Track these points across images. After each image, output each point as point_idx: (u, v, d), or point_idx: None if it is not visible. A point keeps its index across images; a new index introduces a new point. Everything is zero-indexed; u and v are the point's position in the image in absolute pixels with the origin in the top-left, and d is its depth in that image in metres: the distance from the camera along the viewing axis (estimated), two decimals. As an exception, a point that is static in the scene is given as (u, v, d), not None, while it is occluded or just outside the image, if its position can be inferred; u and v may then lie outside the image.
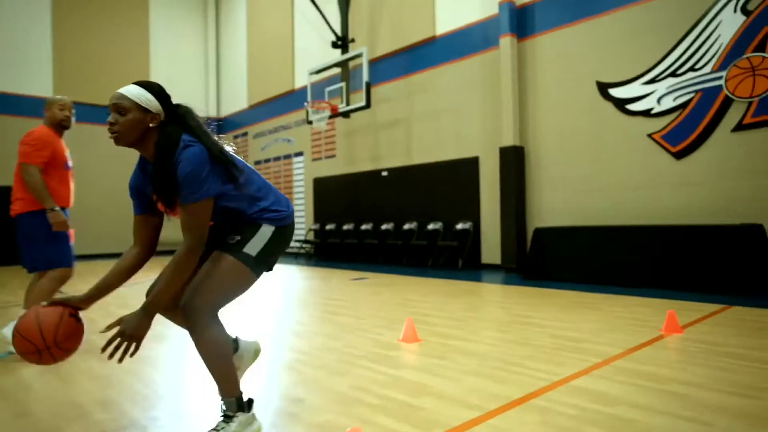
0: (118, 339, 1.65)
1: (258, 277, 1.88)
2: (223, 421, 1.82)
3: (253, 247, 1.84)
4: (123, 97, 1.72)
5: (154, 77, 14.52)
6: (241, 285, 1.84)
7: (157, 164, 1.74)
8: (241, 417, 1.83)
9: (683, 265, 5.39)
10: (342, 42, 9.52)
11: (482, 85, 8.22)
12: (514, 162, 7.55)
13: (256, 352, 2.23)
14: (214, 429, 1.80)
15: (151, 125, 1.76)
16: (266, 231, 1.87)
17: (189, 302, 1.73)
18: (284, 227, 1.93)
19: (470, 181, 8.39)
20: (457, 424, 1.99)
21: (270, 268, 1.95)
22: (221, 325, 1.80)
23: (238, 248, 1.82)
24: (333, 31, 9.54)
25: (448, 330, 3.73)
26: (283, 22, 12.74)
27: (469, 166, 8.40)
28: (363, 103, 8.70)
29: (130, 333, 1.65)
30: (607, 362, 2.80)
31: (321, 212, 11.47)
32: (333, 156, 11.20)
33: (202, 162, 1.71)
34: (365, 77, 8.59)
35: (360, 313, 4.49)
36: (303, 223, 12.14)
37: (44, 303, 1.75)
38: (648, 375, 2.55)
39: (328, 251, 10.82)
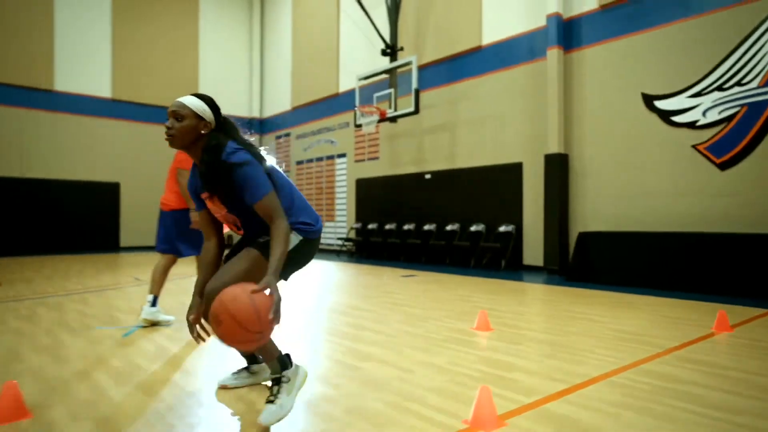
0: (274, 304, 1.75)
1: (279, 279, 1.97)
2: (274, 385, 2.03)
3: None
4: (182, 105, 1.95)
5: (203, 79, 15.24)
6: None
7: (202, 163, 1.96)
8: (287, 373, 2.04)
9: (725, 271, 5.68)
10: (391, 50, 9.97)
11: (527, 94, 8.57)
12: (558, 169, 7.89)
13: (305, 376, 2.31)
14: (270, 397, 1.99)
15: (202, 132, 1.98)
16: (293, 239, 2.05)
17: (214, 289, 1.88)
18: (310, 240, 2.11)
19: (513, 185, 8.75)
20: (552, 392, 2.41)
21: (286, 278, 2.09)
22: None
23: (266, 246, 2.01)
24: (383, 39, 10.01)
25: (514, 321, 4.13)
26: (328, 28, 13.26)
27: (513, 172, 8.76)
28: (411, 108, 9.14)
29: (262, 297, 1.74)
30: (668, 352, 3.17)
31: (363, 212, 11.94)
32: (376, 158, 11.66)
33: (254, 163, 1.94)
34: (414, 84, 9.03)
35: (424, 306, 4.92)
36: (345, 222, 12.65)
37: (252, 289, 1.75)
38: (708, 363, 2.91)
39: (371, 250, 11.29)
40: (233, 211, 2.07)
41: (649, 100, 7.07)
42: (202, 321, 2.10)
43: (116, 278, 7.17)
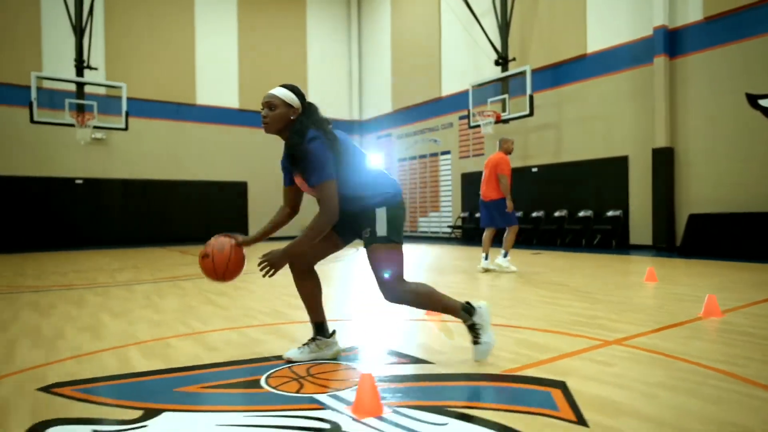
0: (264, 263, 2.28)
1: (402, 244, 2.39)
2: (471, 331, 2.43)
3: (381, 229, 2.33)
4: (273, 96, 2.30)
5: (311, 87, 17.14)
6: (398, 256, 2.36)
7: (288, 147, 2.32)
8: (476, 318, 2.43)
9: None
10: (503, 60, 11.40)
11: (632, 95, 9.80)
12: (665, 160, 9.12)
13: (488, 310, 2.61)
14: (475, 339, 2.42)
15: (292, 117, 2.31)
16: (381, 213, 2.33)
17: (384, 290, 2.34)
18: (394, 205, 2.37)
19: (620, 175, 10.03)
20: (738, 305, 3.85)
21: (400, 241, 2.39)
22: (409, 282, 2.38)
23: (375, 237, 2.33)
24: (496, 50, 11.46)
25: (667, 277, 5.54)
26: (429, 36, 14.78)
27: (619, 164, 10.03)
28: (526, 111, 10.56)
29: (271, 261, 2.28)
30: (802, 290, 4.53)
31: (468, 202, 13.45)
32: (481, 154, 13.13)
33: (324, 152, 2.22)
34: (529, 91, 10.44)
35: (583, 269, 6.37)
36: (449, 212, 14.22)
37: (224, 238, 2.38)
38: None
39: (481, 235, 12.77)
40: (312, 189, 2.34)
41: (753, 99, 8.19)
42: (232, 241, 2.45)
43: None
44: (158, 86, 14.39)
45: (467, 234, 13.28)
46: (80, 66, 11.49)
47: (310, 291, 2.55)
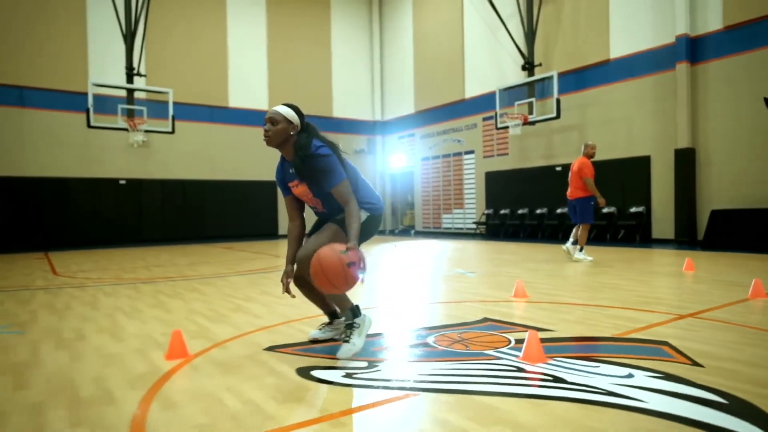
0: (355, 258, 2.35)
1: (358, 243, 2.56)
2: (347, 328, 2.61)
3: None
4: (276, 113, 2.52)
5: (335, 89, 17.78)
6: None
7: (296, 159, 2.52)
8: (357, 320, 2.62)
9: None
10: (529, 65, 12.06)
11: (654, 99, 10.45)
12: (686, 160, 9.79)
13: (370, 322, 2.77)
14: (345, 339, 2.58)
15: (291, 133, 2.53)
16: (362, 215, 2.61)
17: (304, 256, 2.51)
18: (375, 216, 2.69)
19: (642, 174, 10.70)
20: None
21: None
22: None
23: (342, 221, 2.59)
24: (522, 55, 12.12)
25: (702, 266, 6.22)
26: (452, 38, 15.40)
27: (641, 163, 10.70)
28: (553, 114, 11.22)
29: (359, 257, 2.35)
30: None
31: (493, 199, 14.13)
32: (506, 154, 13.80)
33: (332, 157, 2.51)
34: (555, 95, 11.10)
35: (626, 261, 7.05)
36: (473, 209, 14.90)
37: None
38: None
39: (506, 231, 13.47)
40: (319, 195, 2.62)
41: (770, 103, 8.86)
42: (292, 283, 2.74)
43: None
44: (193, 90, 15.02)
45: (491, 230, 13.95)
46: (130, 73, 12.12)
47: (311, 289, 2.85)
